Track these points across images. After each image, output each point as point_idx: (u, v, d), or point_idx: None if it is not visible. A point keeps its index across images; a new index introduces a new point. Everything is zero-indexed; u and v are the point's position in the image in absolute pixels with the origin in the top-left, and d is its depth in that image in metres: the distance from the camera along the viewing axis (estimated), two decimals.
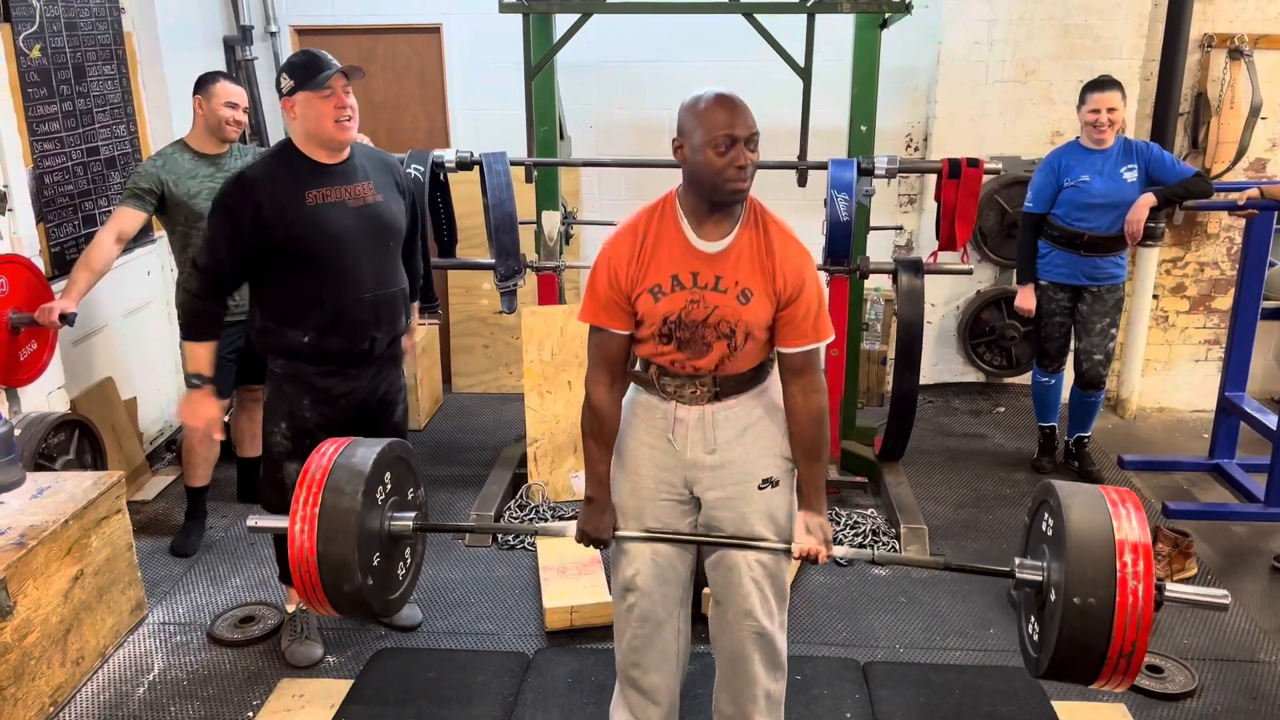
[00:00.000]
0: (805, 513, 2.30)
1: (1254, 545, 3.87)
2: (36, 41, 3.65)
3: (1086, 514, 2.06)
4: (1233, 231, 4.99)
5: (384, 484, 2.34)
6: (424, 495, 2.57)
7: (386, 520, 2.36)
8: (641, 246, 2.18)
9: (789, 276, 2.15)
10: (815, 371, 2.24)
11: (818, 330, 2.20)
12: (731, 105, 2.09)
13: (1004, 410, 5.24)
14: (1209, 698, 2.96)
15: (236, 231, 2.65)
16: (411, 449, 2.51)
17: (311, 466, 2.27)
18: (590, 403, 2.29)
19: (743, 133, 2.06)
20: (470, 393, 5.46)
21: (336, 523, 2.20)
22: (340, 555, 2.20)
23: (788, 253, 2.16)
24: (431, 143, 5.27)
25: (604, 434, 2.30)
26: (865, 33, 3.98)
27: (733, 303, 2.16)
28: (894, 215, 5.24)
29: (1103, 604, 1.97)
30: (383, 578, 2.36)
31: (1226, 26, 4.79)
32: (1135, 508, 2.08)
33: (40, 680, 2.81)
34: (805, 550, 2.26)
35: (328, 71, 2.63)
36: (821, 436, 2.26)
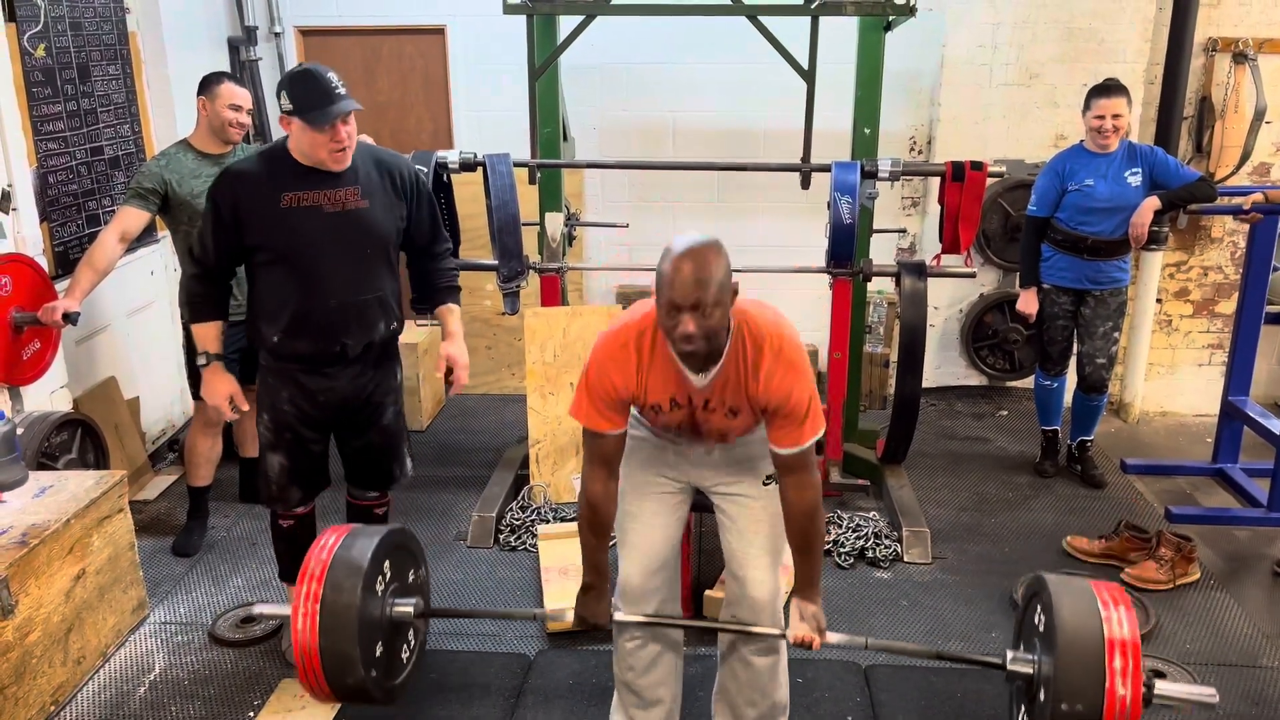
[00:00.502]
0: (800, 601, 2.36)
1: (1257, 550, 3.87)
2: (41, 41, 3.66)
3: (1077, 616, 2.11)
4: (1237, 236, 4.99)
5: (384, 574, 2.39)
6: (426, 574, 2.62)
7: (388, 608, 2.41)
8: (638, 369, 2.23)
9: (772, 396, 2.21)
10: (806, 469, 2.28)
11: (806, 432, 2.24)
12: (686, 267, 2.02)
13: (1006, 414, 5.23)
14: None
15: (219, 223, 2.70)
16: (411, 534, 2.56)
17: (311, 561, 2.32)
18: (586, 497, 2.36)
19: (686, 301, 2.02)
20: (472, 394, 5.46)
21: (336, 618, 2.25)
22: (342, 650, 2.25)
23: (773, 374, 2.19)
24: (435, 143, 5.27)
25: (601, 525, 2.38)
26: (869, 35, 3.97)
27: (722, 418, 2.28)
28: (897, 218, 5.24)
29: (1090, 710, 2.01)
30: (386, 665, 2.41)
31: (1231, 30, 4.79)
32: (1126, 607, 2.13)
33: (41, 679, 2.81)
34: (799, 638, 2.32)
35: (331, 110, 2.57)
36: (814, 531, 2.31)
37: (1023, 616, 2.38)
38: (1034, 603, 2.30)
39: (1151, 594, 3.47)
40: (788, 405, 2.19)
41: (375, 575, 2.34)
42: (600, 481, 2.33)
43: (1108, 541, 3.70)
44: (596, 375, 2.24)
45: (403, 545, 2.49)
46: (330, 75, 2.62)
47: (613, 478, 2.35)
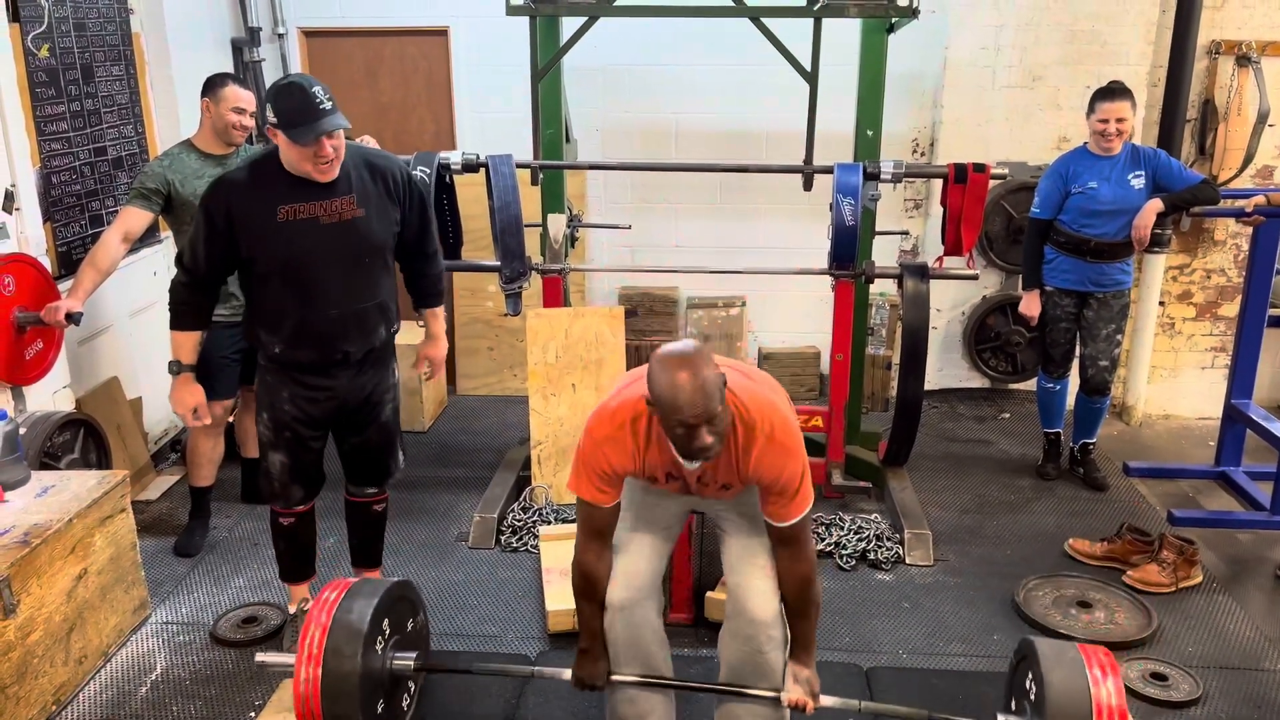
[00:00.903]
0: (794, 664, 2.40)
1: (1259, 553, 3.86)
2: (45, 41, 3.66)
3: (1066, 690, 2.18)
4: (1240, 239, 4.98)
5: (383, 632, 2.43)
6: (424, 620, 2.67)
7: (388, 663, 2.45)
8: (635, 451, 2.29)
9: (764, 475, 2.27)
10: (801, 542, 2.34)
11: (798, 507, 2.29)
12: (685, 391, 2.06)
13: (1009, 416, 5.22)
14: (1213, 706, 2.95)
15: (211, 233, 2.70)
16: (411, 584, 2.60)
17: (311, 623, 2.35)
18: (580, 569, 2.41)
19: (698, 419, 2.08)
20: (475, 395, 5.47)
21: (340, 686, 2.29)
22: (345, 715, 2.31)
23: (764, 457, 2.25)
24: (438, 144, 5.27)
25: (595, 594, 2.42)
26: (872, 37, 3.97)
27: (715, 491, 2.37)
28: (899, 220, 5.24)
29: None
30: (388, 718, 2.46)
31: (1234, 33, 4.78)
32: (1113, 673, 2.20)
33: (43, 679, 2.81)
34: (794, 700, 2.37)
35: (315, 128, 2.55)
36: (810, 599, 2.37)
37: (1012, 678, 2.46)
38: (1023, 667, 2.37)
39: (1153, 597, 3.46)
40: (779, 483, 2.26)
41: (375, 635, 2.39)
42: (594, 553, 2.39)
43: (1110, 544, 3.70)
44: (592, 453, 2.29)
45: (402, 597, 2.54)
46: (317, 89, 2.58)
47: (606, 550, 2.41)
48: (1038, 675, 2.24)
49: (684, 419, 2.07)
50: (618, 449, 2.27)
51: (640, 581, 2.43)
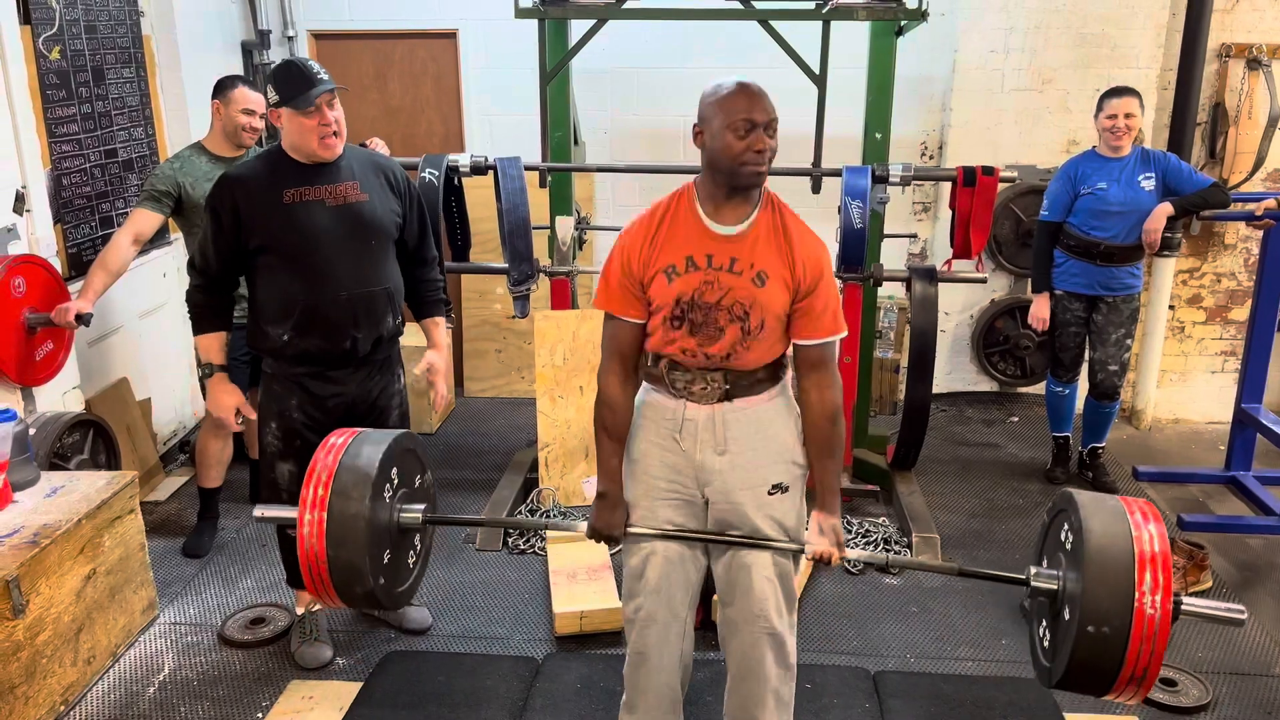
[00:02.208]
0: (819, 514, 2.29)
1: (1270, 558, 3.84)
2: (56, 44, 3.68)
3: (1107, 536, 2.02)
4: (1250, 242, 4.96)
5: (391, 480, 2.34)
6: (431, 480, 2.56)
7: (396, 514, 2.35)
8: (656, 230, 2.21)
9: (808, 265, 2.18)
10: (831, 367, 2.25)
11: (835, 324, 2.21)
12: (751, 92, 2.13)
13: (1018, 420, 5.21)
14: (1223, 711, 2.94)
15: (219, 230, 2.73)
16: (417, 438, 2.50)
17: (317, 466, 2.26)
18: (603, 395, 2.29)
19: (761, 118, 2.11)
20: (482, 397, 5.47)
21: (346, 528, 2.19)
22: (350, 560, 2.21)
23: (806, 241, 2.20)
24: (447, 147, 5.28)
25: (616, 427, 2.30)
26: (881, 40, 3.97)
27: (748, 285, 2.16)
28: (908, 223, 5.23)
29: (1118, 632, 1.95)
30: (393, 572, 2.36)
31: (1244, 36, 4.77)
32: (1156, 520, 2.05)
33: (52, 679, 2.82)
34: (818, 552, 2.25)
35: (311, 92, 2.64)
36: (836, 435, 2.26)
37: (1046, 533, 2.31)
38: (1060, 519, 2.23)
39: None
40: (820, 281, 2.18)
41: (384, 482, 2.29)
42: (617, 376, 2.28)
43: None
44: (617, 251, 2.24)
45: (410, 450, 2.44)
46: (311, 63, 2.70)
47: (629, 376, 2.30)
48: (1076, 523, 2.09)
49: (751, 115, 2.09)
50: (636, 234, 2.22)
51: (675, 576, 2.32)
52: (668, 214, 2.23)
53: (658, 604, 2.35)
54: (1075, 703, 2.87)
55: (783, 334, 2.24)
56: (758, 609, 2.30)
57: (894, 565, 2.32)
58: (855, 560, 2.25)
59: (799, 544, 2.28)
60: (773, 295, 2.17)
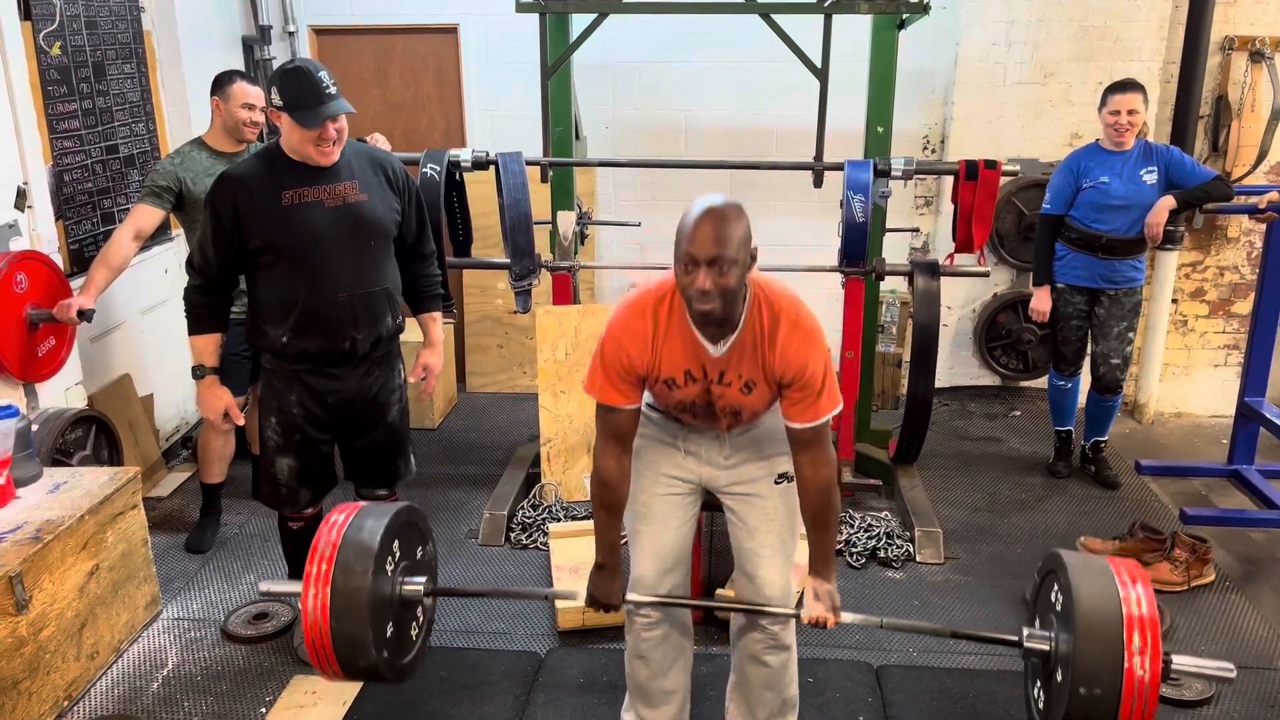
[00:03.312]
0: (814, 579, 2.34)
1: (1272, 552, 3.84)
2: (56, 39, 3.67)
3: (1096, 598, 2.09)
4: (1253, 235, 4.95)
5: (393, 554, 2.38)
6: (433, 550, 2.61)
7: (398, 587, 2.40)
8: (654, 338, 2.20)
9: (789, 366, 2.18)
10: (822, 445, 2.27)
11: (823, 407, 2.22)
12: (706, 224, 2.02)
13: (1020, 414, 5.21)
14: (1226, 705, 2.93)
15: (219, 229, 2.71)
16: (419, 510, 2.54)
17: (320, 542, 2.31)
18: (600, 475, 2.33)
19: (704, 255, 2.01)
20: (484, 392, 5.47)
21: (348, 602, 2.24)
22: (354, 634, 2.25)
23: (789, 344, 2.17)
24: (448, 142, 5.28)
25: (614, 503, 2.34)
26: (882, 34, 3.96)
27: (736, 393, 2.24)
28: (910, 217, 5.21)
29: (1109, 694, 2.01)
30: (396, 644, 2.41)
31: (1248, 29, 4.75)
32: (1143, 582, 2.11)
33: (55, 674, 2.82)
34: (813, 617, 2.30)
35: (321, 110, 2.61)
36: (830, 506, 2.30)
37: (1037, 593, 2.35)
38: (1049, 580, 2.27)
39: (1166, 595, 3.45)
40: (804, 376, 2.17)
41: (385, 556, 2.33)
42: (614, 458, 2.30)
43: (1122, 543, 3.68)
44: (612, 347, 2.21)
45: (411, 523, 2.48)
46: (322, 74, 2.64)
47: (626, 454, 2.32)
48: (1065, 586, 2.15)
49: (691, 251, 2.01)
50: (635, 338, 2.19)
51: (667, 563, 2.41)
52: (662, 320, 2.20)
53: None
54: None
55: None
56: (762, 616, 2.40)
57: (888, 627, 2.42)
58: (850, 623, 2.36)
59: (794, 610, 2.34)
60: (759, 397, 2.25)
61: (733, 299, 2.07)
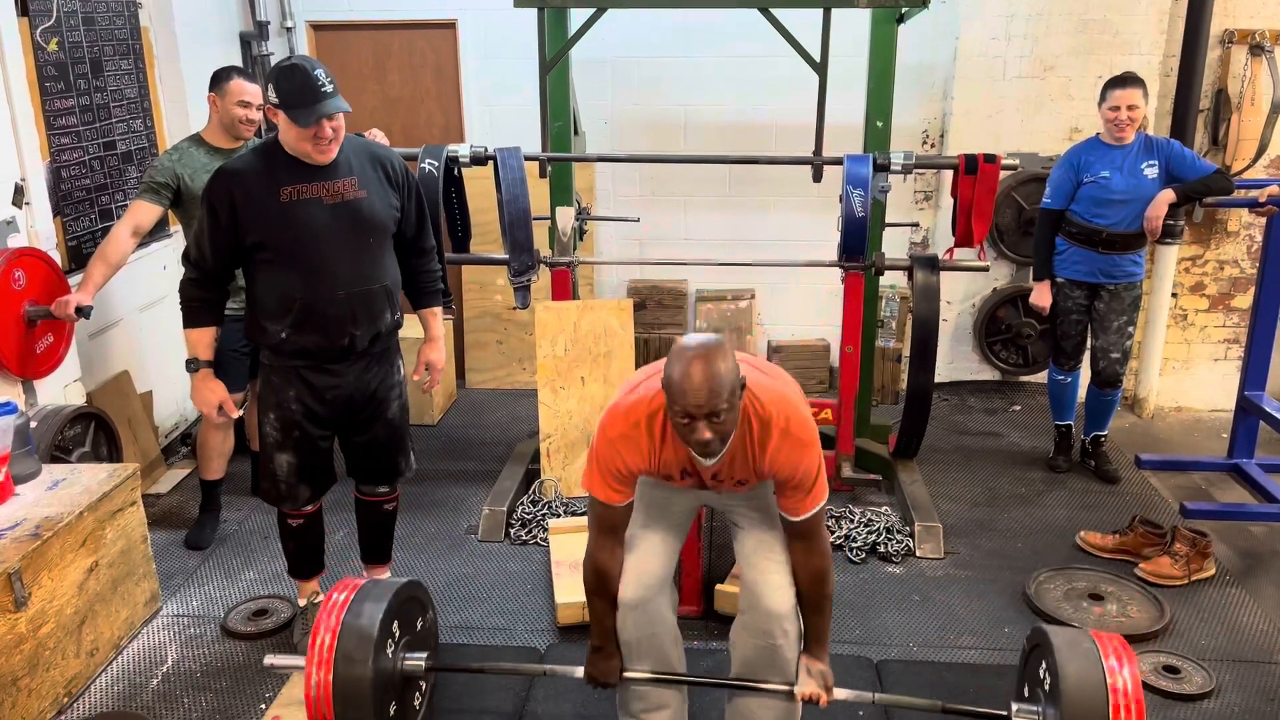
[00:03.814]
0: (808, 659, 2.40)
1: (1272, 546, 3.84)
2: (54, 36, 3.67)
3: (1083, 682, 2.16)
4: (1253, 229, 4.95)
5: (393, 634, 2.42)
6: (433, 617, 2.66)
7: (399, 664, 2.45)
8: (650, 450, 2.26)
9: (779, 470, 2.25)
10: (816, 536, 2.33)
11: (816, 498, 2.28)
12: (695, 377, 2.04)
13: (1020, 409, 5.20)
14: (1226, 699, 2.93)
15: (215, 225, 2.70)
16: (420, 584, 2.59)
17: (320, 629, 2.34)
18: (594, 566, 2.38)
19: (699, 411, 2.05)
20: (484, 388, 5.47)
21: (351, 690, 2.29)
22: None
23: (780, 451, 2.23)
24: (446, 138, 5.27)
25: (608, 591, 2.40)
26: (882, 27, 3.95)
27: (732, 486, 2.35)
28: (910, 212, 5.21)
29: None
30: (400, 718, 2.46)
31: (1247, 22, 4.75)
32: (1129, 661, 2.18)
33: (55, 671, 2.82)
34: (806, 694, 2.36)
35: (317, 109, 2.59)
36: (823, 594, 2.36)
37: (1025, 666, 2.45)
38: (1035, 655, 2.36)
39: (1166, 589, 3.45)
40: (795, 478, 2.24)
41: (385, 639, 2.38)
42: (607, 551, 2.38)
43: (1122, 537, 3.68)
44: (607, 452, 2.26)
45: (410, 598, 2.54)
46: (319, 71, 2.61)
47: (619, 546, 2.40)
48: (1052, 665, 2.22)
49: (686, 407, 2.05)
50: (632, 448, 2.25)
51: (652, 579, 2.41)
52: (656, 433, 2.24)
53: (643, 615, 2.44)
54: None
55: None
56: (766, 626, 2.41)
57: (879, 703, 2.47)
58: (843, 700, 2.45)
59: (790, 685, 2.38)
60: (752, 486, 2.36)
61: (729, 435, 2.14)
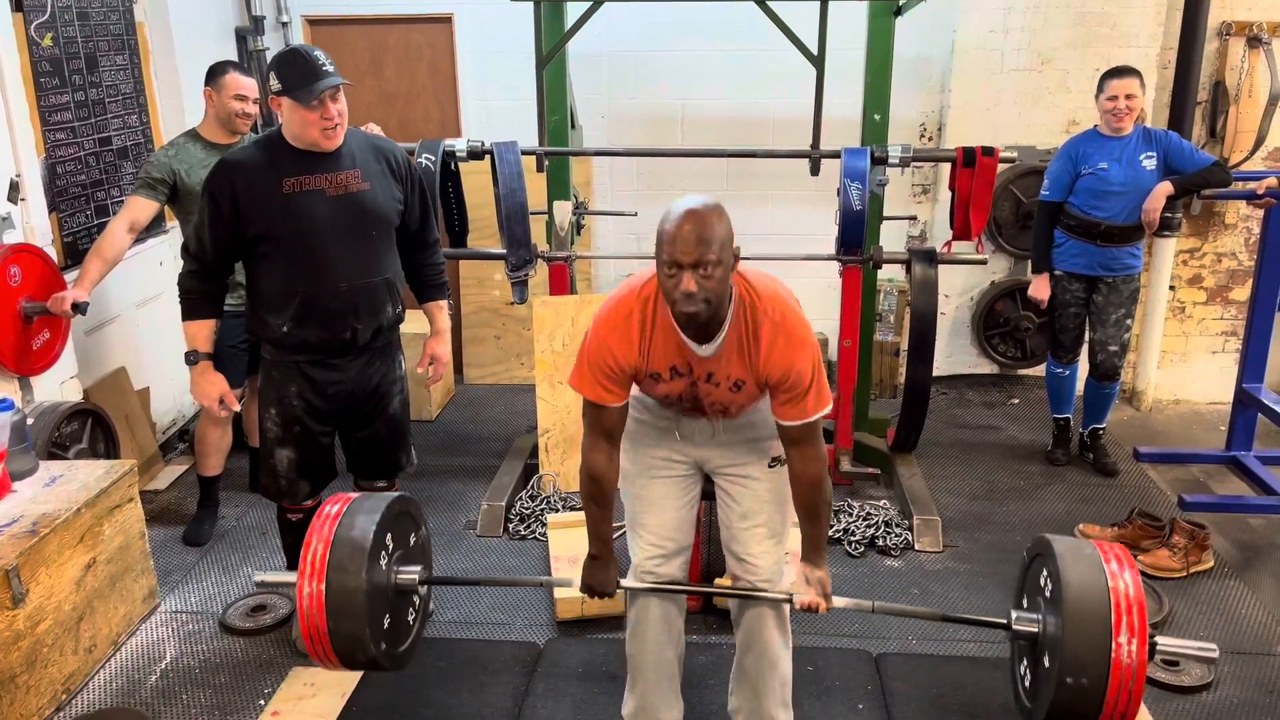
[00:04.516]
0: (805, 566, 2.36)
1: (1270, 538, 3.84)
2: (48, 31, 3.65)
3: (1084, 586, 2.11)
4: (1251, 222, 4.94)
5: (386, 547, 2.38)
6: (426, 535, 2.62)
7: (392, 577, 2.41)
8: (640, 338, 2.20)
9: (774, 368, 2.17)
10: (812, 441, 2.27)
11: (810, 406, 2.21)
12: (686, 226, 2.01)
13: (1018, 402, 5.20)
14: (1225, 691, 2.94)
15: (217, 216, 2.69)
16: (411, 499, 2.54)
17: (313, 537, 2.31)
18: (590, 470, 2.34)
19: (688, 259, 2.00)
20: (482, 384, 5.46)
21: (344, 601, 2.25)
22: (351, 631, 2.27)
23: (774, 346, 2.16)
24: (443, 132, 5.25)
25: (604, 497, 2.36)
26: (879, 20, 3.94)
27: (725, 392, 2.24)
28: (908, 205, 5.21)
29: (1096, 682, 2.04)
30: (394, 634, 2.41)
31: (1245, 14, 4.74)
32: (1130, 567, 2.14)
33: (53, 668, 2.82)
34: (805, 602, 2.32)
35: (317, 86, 2.59)
36: (822, 500, 2.31)
37: (1025, 576, 2.39)
38: (1036, 564, 2.30)
39: (1165, 582, 3.45)
40: (790, 378, 2.16)
41: (379, 550, 2.33)
42: (602, 453, 2.31)
43: (1120, 529, 3.68)
44: (597, 347, 2.21)
45: (403, 512, 2.48)
46: (318, 53, 2.63)
47: (614, 449, 2.33)
48: (1054, 571, 2.17)
49: (674, 255, 2.00)
50: (622, 340, 2.19)
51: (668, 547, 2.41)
52: (648, 320, 2.19)
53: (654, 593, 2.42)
54: None
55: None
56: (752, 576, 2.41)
57: (879, 611, 2.43)
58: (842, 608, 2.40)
59: (787, 594, 2.35)
60: (748, 395, 2.25)
61: (717, 301, 2.07)
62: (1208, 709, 2.86)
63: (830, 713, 2.79)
